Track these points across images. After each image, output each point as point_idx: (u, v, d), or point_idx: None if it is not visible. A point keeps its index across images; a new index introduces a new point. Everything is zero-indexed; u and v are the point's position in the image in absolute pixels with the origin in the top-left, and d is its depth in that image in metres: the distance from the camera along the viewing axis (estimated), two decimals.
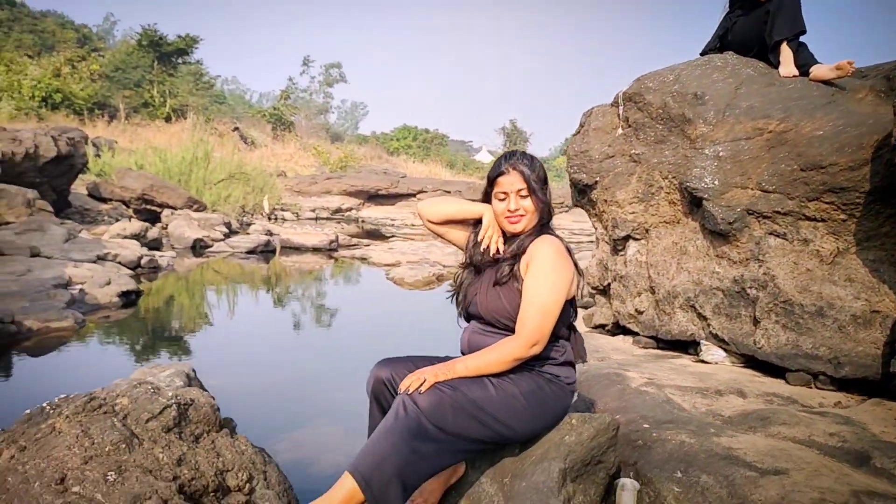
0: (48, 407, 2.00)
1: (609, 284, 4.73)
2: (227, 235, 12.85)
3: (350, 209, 23.22)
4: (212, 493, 1.95)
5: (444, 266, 10.58)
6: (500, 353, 2.15)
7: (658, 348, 4.26)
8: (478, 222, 2.47)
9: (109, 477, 1.72)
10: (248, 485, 2.12)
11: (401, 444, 1.95)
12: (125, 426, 1.93)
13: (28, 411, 2.02)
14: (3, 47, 34.44)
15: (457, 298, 2.48)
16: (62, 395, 2.06)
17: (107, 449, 1.82)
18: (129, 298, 7.00)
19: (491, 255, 2.39)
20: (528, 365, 2.23)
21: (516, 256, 2.29)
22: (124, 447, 1.85)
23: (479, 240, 2.44)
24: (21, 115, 22.71)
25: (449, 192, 22.97)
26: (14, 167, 11.31)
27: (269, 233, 13.39)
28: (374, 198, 24.30)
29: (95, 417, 1.93)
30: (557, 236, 2.33)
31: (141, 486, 1.72)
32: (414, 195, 24.31)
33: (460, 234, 2.54)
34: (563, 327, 2.31)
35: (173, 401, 2.08)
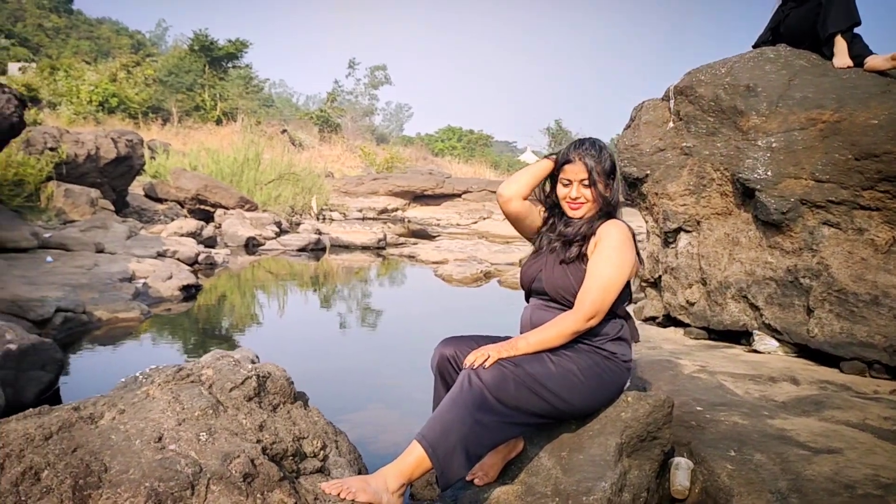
0: (141, 376, 2.18)
1: (660, 277, 4.78)
2: (278, 234, 13.13)
3: (396, 209, 23.46)
4: (290, 458, 2.09)
5: (491, 263, 10.68)
6: (560, 327, 2.26)
7: (709, 339, 4.30)
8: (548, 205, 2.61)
9: (201, 437, 1.87)
10: (322, 451, 2.26)
11: (465, 415, 2.07)
12: (211, 394, 2.09)
13: (123, 380, 2.19)
14: (62, 54, 35.76)
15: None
16: (152, 367, 2.23)
17: (196, 413, 1.98)
18: (190, 292, 7.28)
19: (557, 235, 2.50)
20: (586, 342, 2.33)
21: (586, 238, 2.40)
22: (211, 412, 2.01)
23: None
24: (79, 120, 23.56)
25: (494, 192, 23.05)
26: (77, 168, 11.81)
27: (319, 232, 13.65)
28: (420, 198, 24.47)
29: (184, 386, 2.10)
30: (625, 223, 2.43)
31: (230, 445, 1.87)
32: (459, 195, 24.44)
33: (537, 218, 2.63)
34: (622, 306, 2.41)
35: (253, 372, 2.23)
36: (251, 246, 12.02)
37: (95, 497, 1.64)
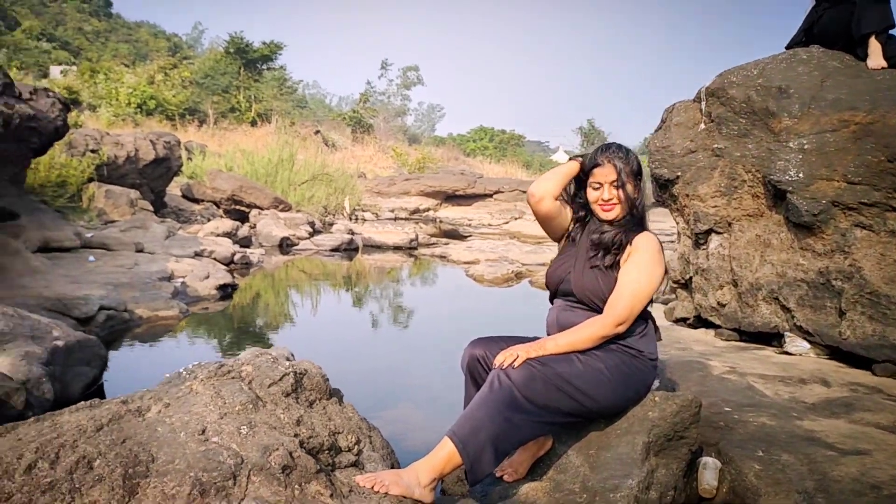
0: (184, 372, 2.28)
1: (690, 278, 4.78)
2: (311, 234, 13.31)
3: (428, 209, 23.55)
4: (326, 451, 2.17)
5: (522, 264, 10.71)
6: (589, 332, 2.32)
7: (740, 340, 4.30)
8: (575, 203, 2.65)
9: (242, 430, 1.96)
10: (356, 446, 2.34)
11: (495, 413, 2.13)
12: (251, 389, 2.18)
13: (167, 375, 2.29)
14: (101, 57, 36.53)
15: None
16: (195, 363, 2.33)
17: (237, 408, 2.07)
18: (226, 291, 7.43)
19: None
20: (613, 340, 2.38)
21: (621, 247, 2.45)
22: (251, 407, 2.10)
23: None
24: (118, 122, 24.03)
25: (525, 192, 23.03)
26: (117, 169, 12.11)
27: (352, 232, 13.80)
28: (452, 198, 24.53)
29: (225, 381, 2.19)
30: (655, 236, 2.51)
31: (269, 438, 1.95)
32: (491, 195, 24.45)
33: (566, 219, 2.66)
34: (647, 308, 2.46)
35: (290, 369, 2.32)
36: (285, 246, 12.20)
37: (144, 485, 1.74)
